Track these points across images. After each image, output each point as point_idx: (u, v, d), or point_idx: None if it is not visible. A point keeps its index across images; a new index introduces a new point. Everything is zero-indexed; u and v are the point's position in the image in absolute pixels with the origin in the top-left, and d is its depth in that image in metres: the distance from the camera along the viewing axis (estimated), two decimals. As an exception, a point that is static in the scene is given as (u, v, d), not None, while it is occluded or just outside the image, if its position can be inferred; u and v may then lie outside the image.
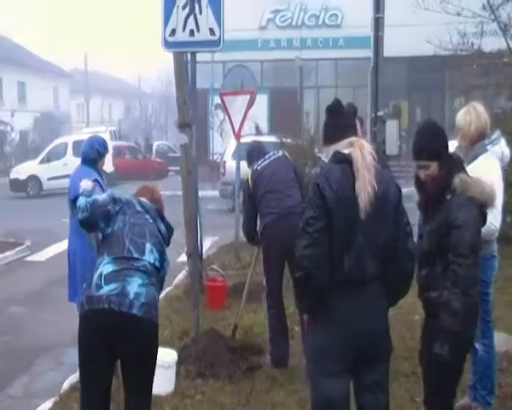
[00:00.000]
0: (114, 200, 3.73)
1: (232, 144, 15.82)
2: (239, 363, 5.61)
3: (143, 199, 3.82)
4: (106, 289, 3.35)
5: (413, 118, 27.02)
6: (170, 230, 3.84)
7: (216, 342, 5.81)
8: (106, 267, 3.45)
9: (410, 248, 3.23)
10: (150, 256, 3.54)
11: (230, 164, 15.72)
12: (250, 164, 5.89)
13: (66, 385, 5.50)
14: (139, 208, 3.72)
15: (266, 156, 5.79)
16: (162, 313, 6.74)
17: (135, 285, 3.37)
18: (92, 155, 5.39)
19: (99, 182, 5.22)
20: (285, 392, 5.13)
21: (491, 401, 4.44)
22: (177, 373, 5.35)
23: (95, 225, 3.75)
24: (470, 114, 4.37)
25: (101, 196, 3.84)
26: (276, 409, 4.78)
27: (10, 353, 6.77)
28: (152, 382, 3.57)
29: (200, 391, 5.19)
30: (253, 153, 5.97)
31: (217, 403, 4.96)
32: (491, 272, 4.31)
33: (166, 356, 5.27)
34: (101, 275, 3.42)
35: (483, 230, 3.74)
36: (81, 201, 3.79)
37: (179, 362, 5.41)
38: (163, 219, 3.82)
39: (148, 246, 3.56)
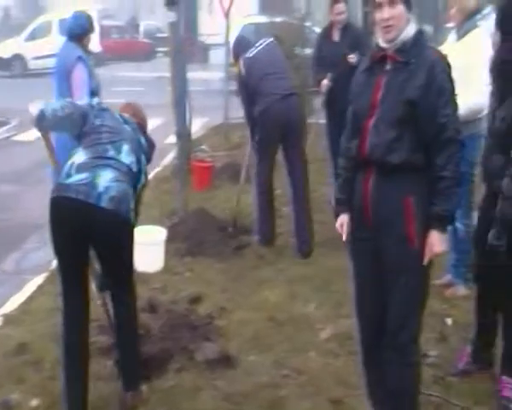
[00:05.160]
0: (90, 105, 3.59)
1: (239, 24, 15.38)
2: (227, 242, 5.72)
3: (125, 114, 3.68)
4: (75, 178, 3.26)
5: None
6: (151, 145, 3.70)
7: (204, 222, 5.90)
8: (78, 157, 3.36)
9: None
10: (127, 158, 3.43)
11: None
12: (237, 58, 5.80)
13: (55, 263, 5.58)
14: (117, 117, 3.60)
15: (257, 44, 5.72)
16: (150, 193, 6.81)
17: (106, 179, 3.27)
18: (77, 31, 5.24)
19: (83, 59, 5.10)
20: (273, 270, 5.26)
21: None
22: (167, 251, 5.45)
23: (63, 129, 3.66)
24: None
25: (76, 102, 3.66)
26: (264, 285, 4.91)
27: (1, 230, 6.85)
28: (128, 273, 3.51)
29: (189, 268, 5.32)
30: (238, 47, 5.86)
31: (206, 280, 5.08)
32: (477, 151, 4.32)
33: (156, 234, 5.37)
34: (72, 164, 3.33)
35: (467, 109, 3.77)
36: (61, 102, 3.58)
37: (168, 240, 5.50)
38: (144, 133, 3.69)
39: (126, 147, 3.45)
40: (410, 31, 2.90)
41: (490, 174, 3.37)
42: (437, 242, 2.86)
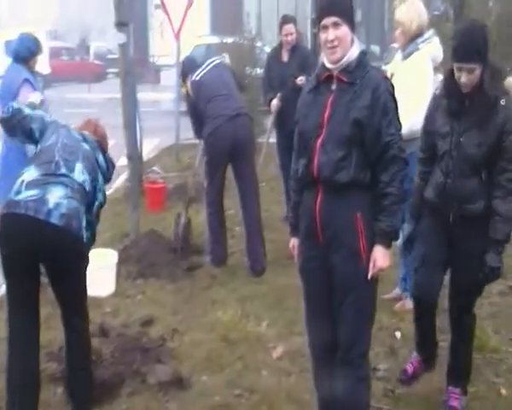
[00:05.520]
0: (44, 121, 3.59)
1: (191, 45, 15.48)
2: (179, 263, 5.71)
3: (85, 132, 3.66)
4: (24, 195, 3.22)
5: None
6: (110, 164, 3.68)
7: (156, 243, 5.89)
8: (28, 175, 3.32)
9: None
10: (80, 176, 3.39)
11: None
12: (184, 79, 5.84)
13: (3, 288, 5.47)
14: (75, 134, 3.58)
15: (203, 66, 5.74)
16: (102, 216, 6.72)
17: (57, 195, 3.23)
18: (23, 53, 5.20)
19: (30, 81, 5.06)
20: (225, 290, 5.27)
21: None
22: (118, 274, 5.41)
23: (11, 131, 3.62)
24: (412, 11, 4.44)
25: (31, 111, 3.65)
26: (216, 306, 4.91)
27: None
28: (81, 295, 3.46)
29: (140, 291, 5.28)
30: (186, 68, 5.89)
31: (157, 302, 5.05)
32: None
33: (107, 257, 5.33)
34: (22, 181, 3.29)
35: (409, 129, 3.88)
36: (11, 103, 3.66)
37: (120, 263, 5.47)
38: (104, 152, 3.66)
39: (79, 166, 3.41)
40: (354, 52, 2.97)
41: (461, 199, 3.35)
42: (381, 257, 2.93)
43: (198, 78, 5.64)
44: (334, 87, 2.98)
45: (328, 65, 2.99)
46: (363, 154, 2.93)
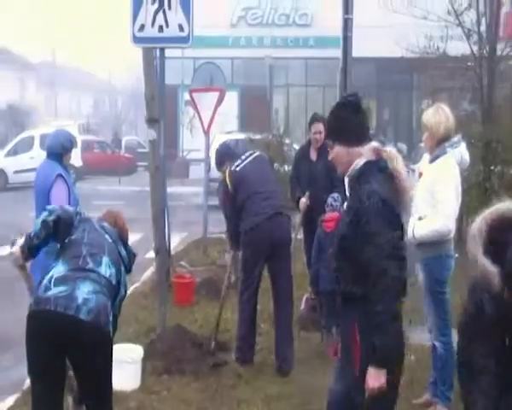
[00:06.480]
0: (77, 212, 3.67)
1: (218, 140, 15.78)
2: (205, 359, 5.63)
3: (105, 223, 3.72)
4: (54, 291, 3.26)
5: (381, 118, 27.42)
6: (132, 255, 3.73)
7: (182, 339, 5.82)
8: (57, 271, 3.37)
9: None
10: (106, 270, 3.44)
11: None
12: (220, 166, 5.79)
13: (28, 383, 5.43)
14: (98, 228, 3.63)
15: (243, 157, 5.67)
16: (128, 309, 6.75)
17: (85, 291, 3.27)
18: (57, 149, 5.32)
19: (63, 177, 5.18)
20: (251, 388, 5.17)
21: (451, 395, 4.51)
22: (144, 369, 5.34)
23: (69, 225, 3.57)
24: (440, 115, 4.50)
25: (61, 211, 3.63)
26: (242, 406, 4.81)
27: (-27, 348, 6.67)
28: (108, 391, 3.45)
29: (166, 387, 5.20)
30: (223, 155, 5.82)
31: (183, 399, 4.97)
32: (447, 271, 4.42)
33: (132, 352, 5.28)
34: (51, 278, 3.34)
35: (434, 232, 3.89)
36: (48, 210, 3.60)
37: (145, 358, 5.41)
38: (125, 244, 3.71)
39: (106, 260, 3.47)
40: (357, 165, 3.05)
41: None
42: (371, 377, 2.83)
43: (238, 169, 5.54)
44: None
45: None
46: (353, 268, 2.95)
